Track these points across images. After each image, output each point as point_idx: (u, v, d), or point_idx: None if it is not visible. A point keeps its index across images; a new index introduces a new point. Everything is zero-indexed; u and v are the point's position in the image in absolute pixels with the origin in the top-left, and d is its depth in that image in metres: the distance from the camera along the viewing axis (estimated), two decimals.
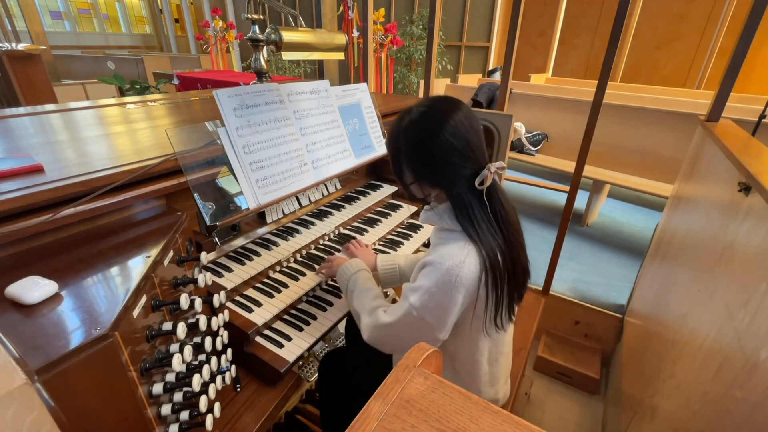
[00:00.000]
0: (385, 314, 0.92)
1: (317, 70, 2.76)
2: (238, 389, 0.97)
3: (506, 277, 0.85)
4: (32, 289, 0.59)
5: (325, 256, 1.29)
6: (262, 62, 1.67)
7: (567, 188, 1.92)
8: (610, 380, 2.02)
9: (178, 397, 0.71)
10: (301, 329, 1.07)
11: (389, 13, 6.60)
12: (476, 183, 0.82)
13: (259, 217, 1.28)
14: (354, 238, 1.34)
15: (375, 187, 1.73)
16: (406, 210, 1.67)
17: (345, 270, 1.09)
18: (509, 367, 1.09)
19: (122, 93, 4.50)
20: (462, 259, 0.80)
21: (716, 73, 5.19)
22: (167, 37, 9.79)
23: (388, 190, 1.73)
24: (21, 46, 3.60)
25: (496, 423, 0.40)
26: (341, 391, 1.20)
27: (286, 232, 1.33)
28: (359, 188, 1.71)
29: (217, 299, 0.89)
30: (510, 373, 1.17)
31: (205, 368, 0.79)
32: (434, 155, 0.82)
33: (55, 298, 0.61)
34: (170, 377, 0.71)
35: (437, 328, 0.84)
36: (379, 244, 1.47)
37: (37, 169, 0.85)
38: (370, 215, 1.60)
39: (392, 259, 1.23)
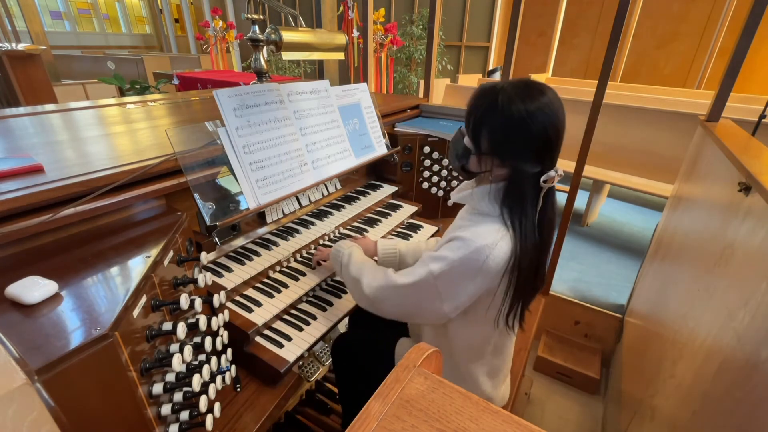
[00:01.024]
0: (398, 275, 0.93)
1: (317, 70, 2.76)
2: (238, 389, 0.97)
3: (529, 276, 0.86)
4: (32, 289, 0.59)
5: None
6: (262, 62, 1.67)
7: (567, 188, 1.92)
8: (610, 380, 2.02)
9: (178, 397, 0.71)
10: (301, 329, 1.07)
11: (389, 13, 6.60)
12: (542, 180, 0.82)
13: (259, 217, 1.28)
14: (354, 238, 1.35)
15: (375, 187, 1.73)
16: (406, 210, 1.67)
17: (338, 248, 1.12)
18: (510, 364, 1.09)
19: (122, 93, 4.50)
20: (495, 241, 0.81)
21: (716, 73, 5.19)
22: (167, 37, 9.79)
23: (388, 190, 1.73)
24: (21, 46, 3.60)
25: (496, 423, 0.40)
26: (351, 371, 1.25)
27: (286, 232, 1.33)
28: (359, 188, 1.71)
29: (217, 299, 0.89)
30: (510, 372, 1.17)
31: (205, 368, 0.79)
32: (530, 133, 0.79)
33: (55, 298, 0.61)
34: (170, 377, 0.71)
35: (447, 300, 0.85)
36: None
37: (37, 169, 0.85)
38: (370, 215, 1.60)
39: (393, 244, 1.25)
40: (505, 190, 0.85)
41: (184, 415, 0.71)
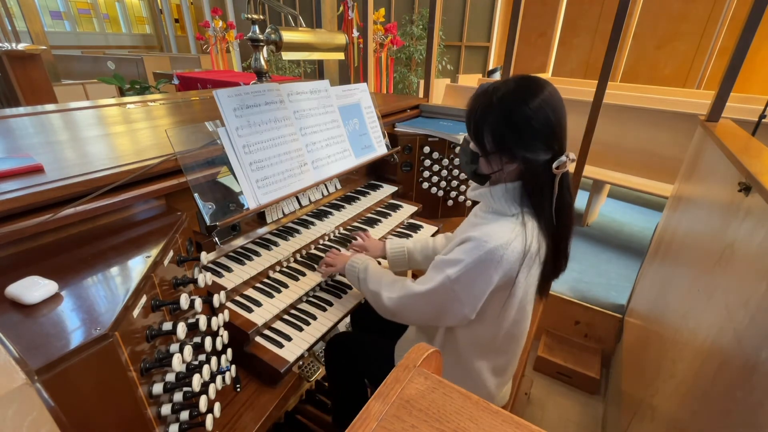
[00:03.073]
0: (416, 284, 0.94)
1: (317, 70, 2.76)
2: (238, 389, 0.97)
3: (545, 262, 0.89)
4: (32, 289, 0.59)
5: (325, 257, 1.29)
6: (262, 62, 1.67)
7: None
8: (610, 380, 2.02)
9: (178, 397, 0.71)
10: (301, 329, 1.07)
11: (389, 13, 6.60)
12: (554, 166, 0.82)
13: (259, 217, 1.28)
14: (354, 238, 1.35)
15: (375, 187, 1.73)
16: (406, 210, 1.67)
17: (353, 263, 1.12)
18: (515, 365, 1.09)
19: (122, 93, 4.50)
20: (509, 241, 0.81)
21: (716, 73, 5.19)
22: (167, 37, 9.78)
23: (388, 190, 1.73)
24: (21, 46, 3.59)
25: (496, 423, 0.40)
26: (347, 374, 1.25)
27: (286, 232, 1.33)
28: (359, 188, 1.71)
29: (217, 299, 0.89)
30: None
31: (205, 368, 0.79)
32: (529, 123, 0.80)
33: (55, 298, 0.61)
34: (170, 377, 0.71)
35: (467, 304, 0.86)
36: None
37: (37, 169, 0.85)
38: (370, 215, 1.60)
39: (401, 243, 1.26)
40: (523, 186, 0.86)
41: (184, 415, 0.71)
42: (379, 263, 1.30)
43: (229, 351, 0.93)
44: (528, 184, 0.86)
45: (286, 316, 1.12)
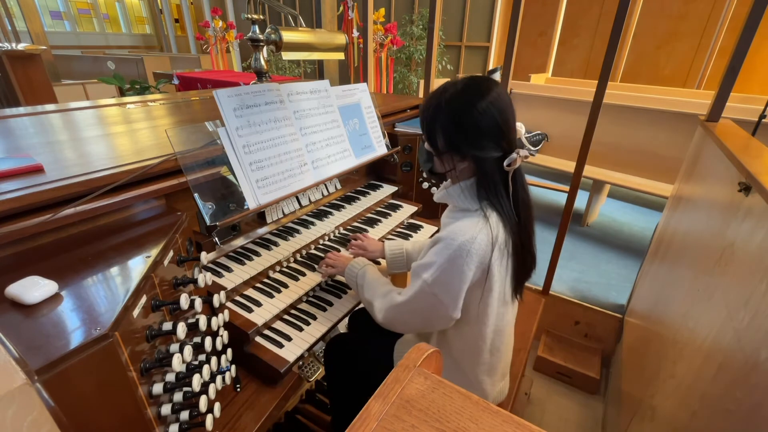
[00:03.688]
0: (399, 295, 0.95)
1: (317, 70, 2.76)
2: (238, 389, 0.97)
3: (514, 258, 0.89)
4: (32, 289, 0.59)
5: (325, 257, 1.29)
6: (262, 62, 1.67)
7: (567, 188, 1.92)
8: (610, 380, 2.02)
9: (178, 397, 0.71)
10: (301, 329, 1.07)
11: (389, 13, 6.60)
12: (505, 164, 0.85)
13: (259, 217, 1.28)
14: (354, 239, 1.35)
15: (375, 187, 1.73)
16: (407, 210, 1.67)
17: (352, 268, 1.13)
18: (509, 362, 1.10)
19: (122, 93, 4.50)
20: (474, 235, 0.83)
21: (716, 73, 5.18)
22: (167, 37, 9.78)
23: (388, 190, 1.73)
24: (21, 46, 3.59)
25: (496, 423, 0.40)
26: (347, 375, 1.25)
27: (286, 232, 1.33)
28: (359, 188, 1.71)
29: (217, 299, 0.89)
30: (510, 372, 1.17)
31: (205, 368, 0.79)
32: (475, 123, 0.84)
33: (55, 298, 0.61)
34: (170, 377, 0.71)
35: (450, 305, 0.87)
36: None
37: (37, 169, 0.85)
38: (370, 215, 1.60)
39: (399, 244, 1.27)
40: (477, 183, 0.89)
41: (184, 415, 0.71)
42: (378, 263, 1.30)
43: (229, 351, 0.93)
44: (481, 182, 0.88)
45: (286, 316, 1.12)
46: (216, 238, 1.08)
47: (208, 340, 0.81)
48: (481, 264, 0.84)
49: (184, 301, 0.76)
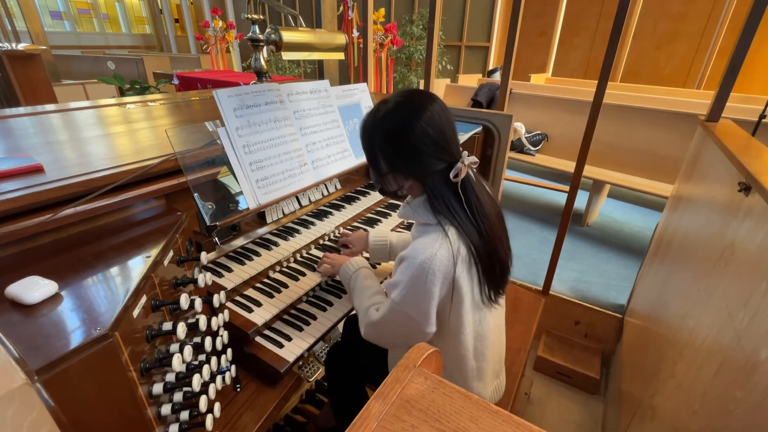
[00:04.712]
0: (375, 312, 0.94)
1: (317, 70, 2.76)
2: (238, 389, 0.97)
3: (480, 267, 0.86)
4: (32, 289, 0.59)
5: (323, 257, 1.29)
6: (262, 62, 1.67)
7: (567, 188, 1.92)
8: (610, 380, 2.02)
9: (178, 397, 0.71)
10: (301, 329, 1.07)
11: (389, 13, 6.60)
12: (451, 176, 0.84)
13: (259, 217, 1.28)
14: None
15: (375, 187, 1.73)
16: None
17: (346, 269, 1.11)
18: (499, 362, 1.09)
19: (122, 93, 4.50)
20: (434, 252, 0.81)
21: (716, 73, 5.19)
22: (167, 37, 9.78)
23: None
24: (21, 46, 3.59)
25: (496, 423, 0.40)
26: (346, 380, 1.25)
27: (286, 232, 1.33)
28: (359, 188, 1.71)
29: (217, 299, 0.89)
30: (510, 372, 1.17)
31: (205, 368, 0.79)
32: (410, 143, 0.83)
33: (55, 298, 0.61)
34: (170, 377, 0.71)
35: (422, 321, 0.86)
36: None
37: (37, 169, 0.85)
38: (370, 215, 1.60)
39: (385, 234, 1.24)
40: (428, 198, 0.87)
41: (184, 415, 0.71)
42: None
43: (229, 351, 0.93)
44: (431, 197, 0.87)
45: (286, 316, 1.12)
46: (216, 238, 1.08)
47: (208, 340, 0.81)
48: (446, 279, 0.82)
49: (184, 301, 0.76)
